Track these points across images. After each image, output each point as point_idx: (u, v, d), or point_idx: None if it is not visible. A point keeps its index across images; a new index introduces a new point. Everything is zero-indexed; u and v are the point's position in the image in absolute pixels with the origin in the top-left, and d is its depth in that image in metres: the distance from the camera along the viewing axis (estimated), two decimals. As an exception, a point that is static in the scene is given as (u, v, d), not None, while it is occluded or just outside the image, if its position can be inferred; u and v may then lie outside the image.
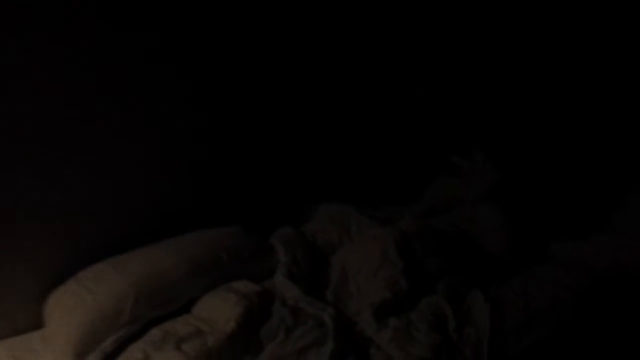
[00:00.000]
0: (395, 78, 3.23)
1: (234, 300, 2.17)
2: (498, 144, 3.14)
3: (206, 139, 2.69)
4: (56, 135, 2.22)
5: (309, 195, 3.02)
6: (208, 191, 2.73)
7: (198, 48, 2.54)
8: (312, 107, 2.99)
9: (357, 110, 3.15)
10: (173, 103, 2.53)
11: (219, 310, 2.18)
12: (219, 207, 2.73)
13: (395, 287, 2.37)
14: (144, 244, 2.41)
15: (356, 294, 2.43)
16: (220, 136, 2.73)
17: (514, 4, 3.33)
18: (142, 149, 2.48)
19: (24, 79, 2.11)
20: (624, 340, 2.36)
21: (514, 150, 3.16)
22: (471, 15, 3.33)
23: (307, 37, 2.88)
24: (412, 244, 2.50)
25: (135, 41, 2.35)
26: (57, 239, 2.31)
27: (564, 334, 2.28)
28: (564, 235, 2.85)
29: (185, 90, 2.56)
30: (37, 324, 2.28)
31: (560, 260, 2.74)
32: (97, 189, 2.38)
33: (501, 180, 2.93)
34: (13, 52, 2.06)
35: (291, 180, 3.03)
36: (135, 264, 2.31)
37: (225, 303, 2.18)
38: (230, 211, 2.74)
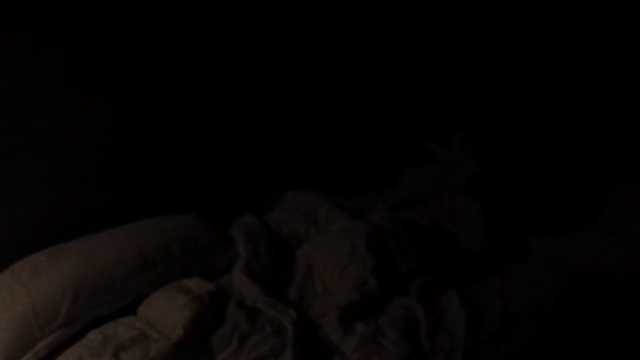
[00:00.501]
0: (369, 58, 2.99)
1: (182, 301, 1.95)
2: (478, 131, 2.92)
3: (157, 115, 2.46)
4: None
5: (276, 181, 2.79)
6: (157, 174, 2.50)
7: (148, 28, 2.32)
8: (279, 85, 2.75)
9: (328, 90, 2.91)
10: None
11: (166, 313, 1.95)
12: (171, 192, 2.49)
13: (364, 288, 2.17)
14: (85, 233, 2.18)
15: (322, 293, 2.23)
16: (175, 113, 2.50)
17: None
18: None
19: None
20: (608, 347, 2.19)
21: (495, 140, 2.95)
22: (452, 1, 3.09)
23: (271, 15, 2.64)
24: (384, 240, 2.30)
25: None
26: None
27: (544, 342, 2.10)
28: (545, 232, 2.67)
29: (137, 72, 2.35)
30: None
31: (541, 258, 2.55)
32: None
33: (480, 172, 2.72)
34: None
35: (256, 163, 2.80)
36: (75, 257, 2.07)
37: (174, 305, 1.95)
38: (185, 197, 2.50)
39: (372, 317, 2.09)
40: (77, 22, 2.16)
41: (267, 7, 2.62)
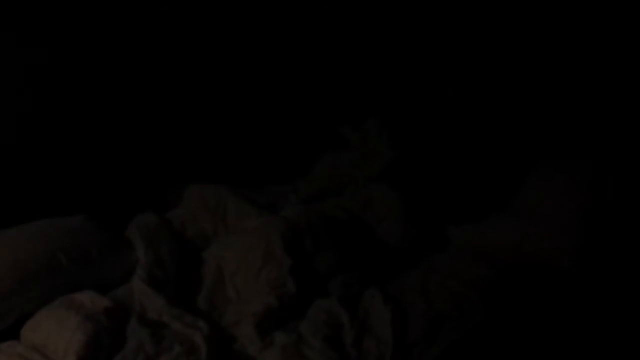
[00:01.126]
0: (277, 38, 2.77)
1: (74, 322, 1.67)
2: (395, 117, 2.78)
3: (45, 106, 2.16)
4: None
5: (176, 173, 2.54)
6: (40, 167, 2.19)
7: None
8: (176, 70, 2.49)
9: (233, 73, 2.68)
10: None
11: (55, 336, 1.66)
12: (56, 187, 2.18)
13: (281, 291, 1.98)
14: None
15: (235, 300, 2.02)
16: (64, 102, 2.19)
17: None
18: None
19: None
20: (536, 338, 2.14)
21: (411, 125, 2.82)
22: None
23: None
24: (301, 238, 2.12)
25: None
26: None
27: (473, 338, 2.00)
28: (463, 218, 2.59)
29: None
30: None
31: (461, 248, 2.47)
32: None
33: (397, 159, 2.59)
34: None
35: (154, 154, 2.52)
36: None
37: (63, 326, 1.67)
38: (74, 194, 2.20)
39: (292, 324, 1.91)
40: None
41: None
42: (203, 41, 2.63)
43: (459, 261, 2.33)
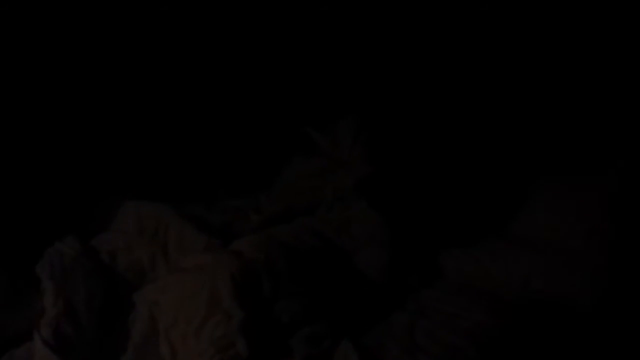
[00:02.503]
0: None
1: None
2: (373, 119, 2.30)
3: None
4: None
5: (108, 185, 2.06)
6: None
7: None
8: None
9: (183, 65, 2.20)
10: None
11: None
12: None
13: (229, 354, 1.54)
14: None
15: (169, 362, 1.57)
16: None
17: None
18: None
19: None
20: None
21: (394, 130, 2.33)
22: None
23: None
24: (257, 280, 1.66)
25: None
26: None
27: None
28: (454, 244, 2.15)
29: None
30: None
31: (455, 282, 2.04)
32: None
33: (374, 174, 2.12)
34: None
35: (82, 157, 2.05)
36: None
37: None
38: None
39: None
40: None
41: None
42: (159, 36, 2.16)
43: (453, 302, 1.91)
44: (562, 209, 2.13)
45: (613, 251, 2.02)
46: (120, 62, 2.21)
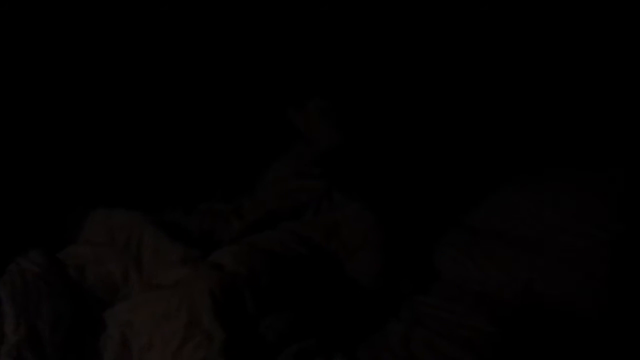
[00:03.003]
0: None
1: None
2: (347, 100, 2.16)
3: None
4: None
5: (76, 192, 1.90)
6: None
7: None
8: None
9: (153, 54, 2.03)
10: None
11: None
12: None
13: (210, 380, 1.40)
14: None
15: (144, 391, 1.43)
16: None
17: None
18: None
19: None
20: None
21: (365, 113, 2.19)
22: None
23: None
24: (239, 297, 1.52)
25: None
26: None
27: None
28: (450, 243, 2.02)
29: None
30: None
31: (452, 285, 1.91)
32: None
33: (343, 144, 1.98)
34: None
35: (42, 164, 1.89)
36: None
37: None
38: None
39: None
40: None
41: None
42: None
43: (451, 308, 1.79)
44: (565, 208, 2.00)
45: (618, 253, 1.91)
46: (97, 61, 2.06)
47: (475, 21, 2.33)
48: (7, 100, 1.86)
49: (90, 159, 1.98)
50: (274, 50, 2.26)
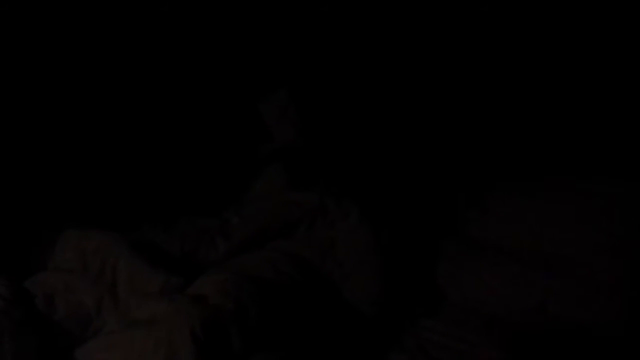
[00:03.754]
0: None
1: None
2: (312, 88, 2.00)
3: None
4: None
5: (47, 211, 1.73)
6: None
7: None
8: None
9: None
10: None
11: None
12: None
13: None
14: None
15: None
16: None
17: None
18: None
19: None
20: None
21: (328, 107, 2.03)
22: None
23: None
24: (224, 334, 1.34)
25: None
26: None
27: None
28: (456, 262, 1.86)
29: None
30: None
31: (459, 307, 1.75)
32: None
33: (299, 145, 1.84)
34: None
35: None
36: None
37: None
38: None
39: None
40: None
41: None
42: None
43: (460, 336, 1.63)
44: (580, 221, 1.84)
45: (636, 269, 1.75)
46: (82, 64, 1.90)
47: (476, 22, 2.17)
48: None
49: (60, 170, 1.80)
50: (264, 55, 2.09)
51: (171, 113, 2.01)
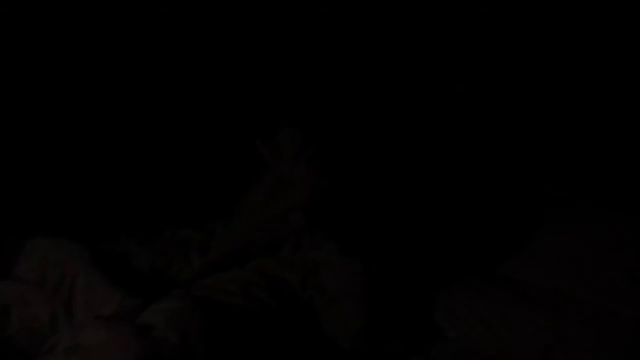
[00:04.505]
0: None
1: None
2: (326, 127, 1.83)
3: None
4: None
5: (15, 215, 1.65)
6: None
7: None
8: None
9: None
10: None
11: None
12: None
13: None
14: None
15: None
16: None
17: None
18: None
19: None
20: None
21: (355, 141, 1.84)
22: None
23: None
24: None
25: None
26: None
27: None
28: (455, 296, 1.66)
29: None
30: None
31: (454, 345, 1.57)
32: None
33: (330, 189, 1.65)
34: None
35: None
36: None
37: None
38: None
39: None
40: None
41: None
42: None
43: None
44: (599, 257, 1.61)
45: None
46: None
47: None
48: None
49: (33, 174, 1.72)
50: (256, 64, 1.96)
51: (163, 114, 1.90)
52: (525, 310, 1.57)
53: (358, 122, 2.07)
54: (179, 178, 1.86)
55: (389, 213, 1.79)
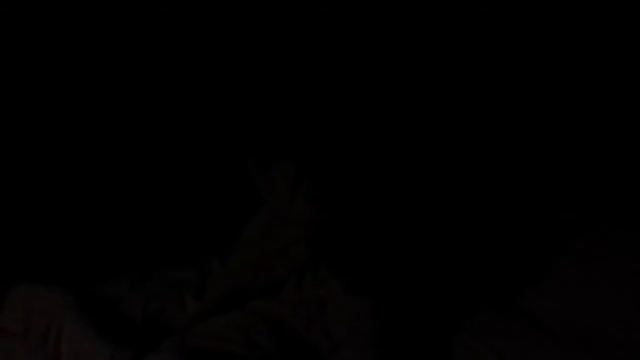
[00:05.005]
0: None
1: None
2: (321, 158, 1.73)
3: None
4: None
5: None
6: None
7: None
8: None
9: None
10: None
11: None
12: None
13: None
14: None
15: None
16: None
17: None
18: None
19: None
20: None
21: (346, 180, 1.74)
22: None
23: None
24: None
25: None
26: None
27: None
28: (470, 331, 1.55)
29: None
30: None
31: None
32: None
33: (329, 223, 1.55)
34: None
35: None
36: None
37: None
38: None
39: None
40: None
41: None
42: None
43: None
44: (624, 287, 1.50)
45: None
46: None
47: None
48: None
49: (18, 212, 1.62)
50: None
51: (155, 140, 1.80)
52: (544, 346, 1.46)
53: (355, 144, 1.98)
54: (171, 213, 1.75)
55: (396, 244, 1.68)
